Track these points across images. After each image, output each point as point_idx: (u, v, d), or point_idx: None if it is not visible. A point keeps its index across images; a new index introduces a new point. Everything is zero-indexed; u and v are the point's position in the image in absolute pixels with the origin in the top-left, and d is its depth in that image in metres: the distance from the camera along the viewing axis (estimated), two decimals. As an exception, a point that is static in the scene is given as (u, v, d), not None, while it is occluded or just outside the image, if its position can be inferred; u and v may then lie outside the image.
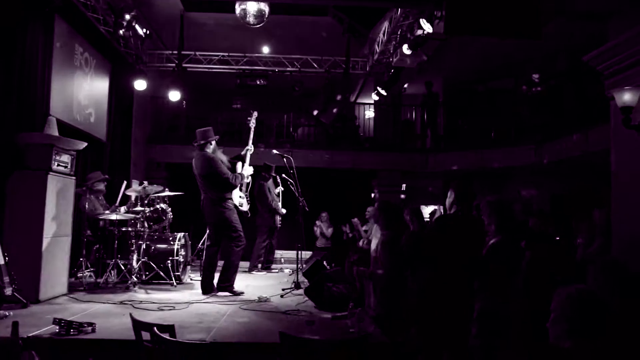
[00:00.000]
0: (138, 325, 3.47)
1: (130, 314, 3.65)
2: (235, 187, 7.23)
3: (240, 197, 7.43)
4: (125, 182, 8.23)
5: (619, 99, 4.60)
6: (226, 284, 6.94)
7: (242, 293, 6.92)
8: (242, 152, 7.55)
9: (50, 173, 6.18)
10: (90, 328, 4.52)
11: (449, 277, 4.12)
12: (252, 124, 7.79)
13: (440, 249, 4.16)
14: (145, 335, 3.37)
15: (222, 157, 7.26)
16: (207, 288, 6.89)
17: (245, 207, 7.51)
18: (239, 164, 7.47)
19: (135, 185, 8.84)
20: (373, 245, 7.09)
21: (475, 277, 4.21)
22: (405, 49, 8.88)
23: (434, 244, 4.27)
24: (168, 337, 3.22)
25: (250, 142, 7.61)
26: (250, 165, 7.55)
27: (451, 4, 4.73)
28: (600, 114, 7.75)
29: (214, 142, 7.23)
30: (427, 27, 7.57)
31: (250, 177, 7.56)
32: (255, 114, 7.91)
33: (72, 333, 4.38)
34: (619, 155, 5.14)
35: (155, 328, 3.23)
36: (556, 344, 2.29)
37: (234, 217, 7.09)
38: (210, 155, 7.07)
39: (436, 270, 4.19)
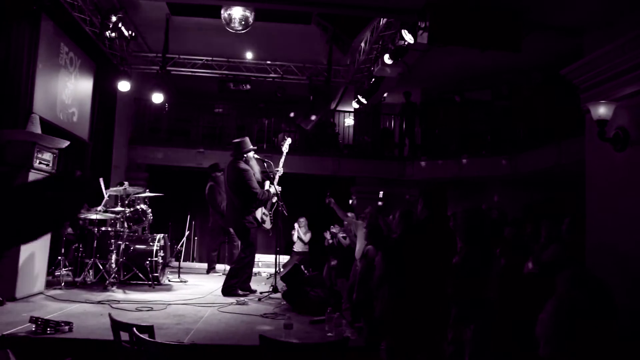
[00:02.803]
0: (117, 326, 3.48)
1: (109, 314, 3.67)
2: (261, 202, 7.31)
3: (264, 214, 7.49)
4: (101, 179, 8.21)
5: (595, 112, 4.77)
6: (230, 288, 7.08)
7: (250, 293, 7.19)
8: (272, 173, 7.58)
9: (32, 170, 6.17)
10: (67, 327, 4.52)
11: (419, 283, 4.21)
12: (285, 148, 7.89)
13: (410, 254, 4.25)
14: (124, 336, 3.38)
15: (255, 168, 7.40)
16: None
17: (267, 225, 7.60)
18: (267, 183, 7.54)
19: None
20: (358, 253, 7.23)
21: (448, 284, 4.30)
22: (387, 59, 9.02)
23: (403, 248, 4.35)
24: (147, 338, 3.25)
25: (281, 165, 7.70)
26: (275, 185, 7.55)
27: (435, 16, 4.88)
28: (573, 127, 7.98)
29: (249, 153, 7.37)
30: (409, 38, 7.73)
31: (276, 198, 7.59)
32: (289, 140, 8.06)
33: (48, 332, 4.37)
34: (593, 167, 5.31)
35: (134, 328, 3.24)
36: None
37: (252, 231, 7.23)
38: (244, 167, 7.19)
39: (406, 275, 4.27)
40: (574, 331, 2.30)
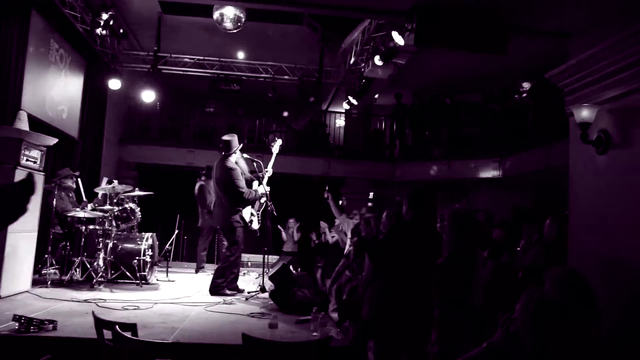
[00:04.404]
0: (100, 324, 3.44)
1: (93, 312, 3.64)
2: (248, 202, 7.31)
3: (252, 214, 7.48)
4: (79, 179, 8.20)
5: (578, 115, 4.81)
6: (217, 288, 7.09)
7: (238, 292, 7.20)
8: (261, 173, 7.58)
9: (19, 167, 6.14)
10: (51, 326, 4.49)
11: (404, 283, 4.22)
12: (275, 150, 7.87)
13: (395, 255, 4.26)
14: (107, 334, 3.35)
15: (244, 166, 7.42)
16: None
17: (255, 225, 7.58)
18: (256, 183, 7.54)
19: (103, 183, 8.83)
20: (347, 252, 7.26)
21: (433, 284, 4.32)
22: (377, 60, 9.06)
23: (388, 248, 4.36)
24: (130, 336, 3.24)
25: (270, 165, 7.68)
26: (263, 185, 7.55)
27: (422, 17, 4.90)
28: (562, 130, 8.02)
29: (237, 152, 7.37)
30: (399, 40, 7.77)
31: (264, 199, 7.59)
32: (279, 141, 8.03)
33: (32, 330, 4.34)
34: (576, 170, 5.35)
35: (117, 326, 3.21)
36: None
37: (239, 229, 7.24)
38: (232, 165, 7.19)
39: (391, 276, 4.28)
40: (558, 332, 2.30)
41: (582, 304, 2.53)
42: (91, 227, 7.51)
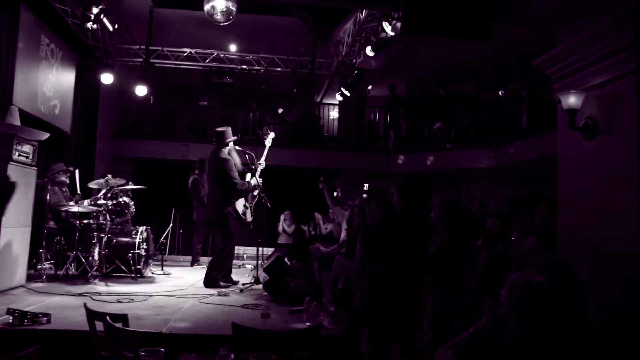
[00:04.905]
0: (91, 315, 3.47)
1: (85, 304, 3.66)
2: (241, 193, 7.33)
3: (244, 206, 7.50)
4: (77, 171, 8.19)
5: (565, 101, 4.82)
6: (212, 280, 7.13)
7: (232, 284, 7.27)
8: (254, 166, 7.58)
9: (11, 163, 6.16)
10: (45, 319, 4.53)
11: (396, 271, 4.24)
12: (268, 142, 7.89)
13: (386, 243, 4.28)
14: (99, 326, 3.37)
15: (237, 159, 7.43)
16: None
17: (248, 218, 7.60)
18: (248, 175, 7.56)
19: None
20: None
21: (425, 273, 4.34)
22: (368, 51, 9.06)
23: (379, 237, 4.39)
24: (121, 327, 3.27)
25: (263, 158, 7.70)
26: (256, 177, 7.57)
27: (407, 6, 4.91)
28: (554, 119, 8.04)
29: (230, 144, 7.38)
30: (389, 30, 7.77)
31: (257, 191, 7.61)
32: (272, 134, 8.06)
33: (25, 323, 4.38)
34: (564, 157, 5.36)
35: (107, 317, 3.23)
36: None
37: (231, 221, 7.29)
38: (225, 156, 7.21)
39: (383, 264, 4.31)
40: (543, 315, 2.33)
41: (568, 289, 2.56)
42: (85, 221, 7.52)
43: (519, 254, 5.46)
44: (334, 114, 15.56)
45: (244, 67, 12.14)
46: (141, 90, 11.18)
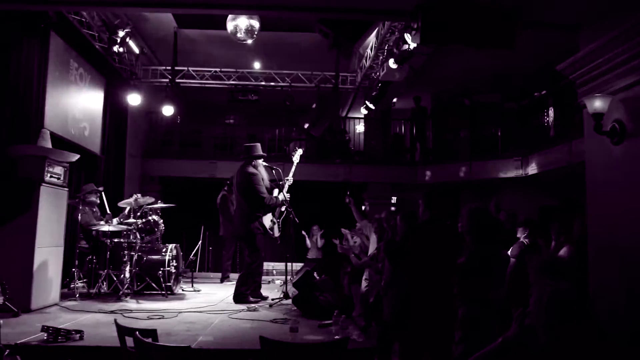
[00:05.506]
0: (122, 331, 3.53)
1: (115, 320, 3.73)
2: (268, 208, 7.38)
3: (272, 221, 7.55)
4: (102, 190, 8.33)
5: (590, 105, 4.74)
6: (241, 296, 7.17)
7: (261, 300, 7.28)
8: (281, 181, 7.62)
9: (43, 184, 6.33)
10: (78, 335, 4.63)
11: (424, 283, 4.21)
12: (296, 159, 7.95)
13: (413, 255, 4.25)
14: (130, 341, 3.42)
15: (264, 175, 7.47)
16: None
17: (276, 233, 7.65)
18: (276, 190, 7.60)
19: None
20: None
21: (454, 284, 4.30)
22: (392, 63, 9.05)
23: (406, 250, 4.36)
24: (150, 342, 3.30)
25: (291, 174, 7.74)
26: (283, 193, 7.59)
27: (426, 16, 4.89)
28: (582, 125, 7.91)
29: (259, 160, 7.46)
30: (411, 42, 7.76)
31: (285, 207, 7.64)
32: (300, 150, 8.13)
33: (59, 340, 4.48)
34: (592, 163, 5.27)
35: (137, 332, 3.28)
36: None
37: (258, 237, 7.33)
38: (252, 171, 7.28)
39: (411, 277, 4.28)
40: (568, 322, 2.31)
41: (579, 289, 2.55)
42: (116, 240, 7.64)
43: None
44: (360, 127, 15.57)
45: (268, 83, 12.26)
46: (168, 110, 11.35)
